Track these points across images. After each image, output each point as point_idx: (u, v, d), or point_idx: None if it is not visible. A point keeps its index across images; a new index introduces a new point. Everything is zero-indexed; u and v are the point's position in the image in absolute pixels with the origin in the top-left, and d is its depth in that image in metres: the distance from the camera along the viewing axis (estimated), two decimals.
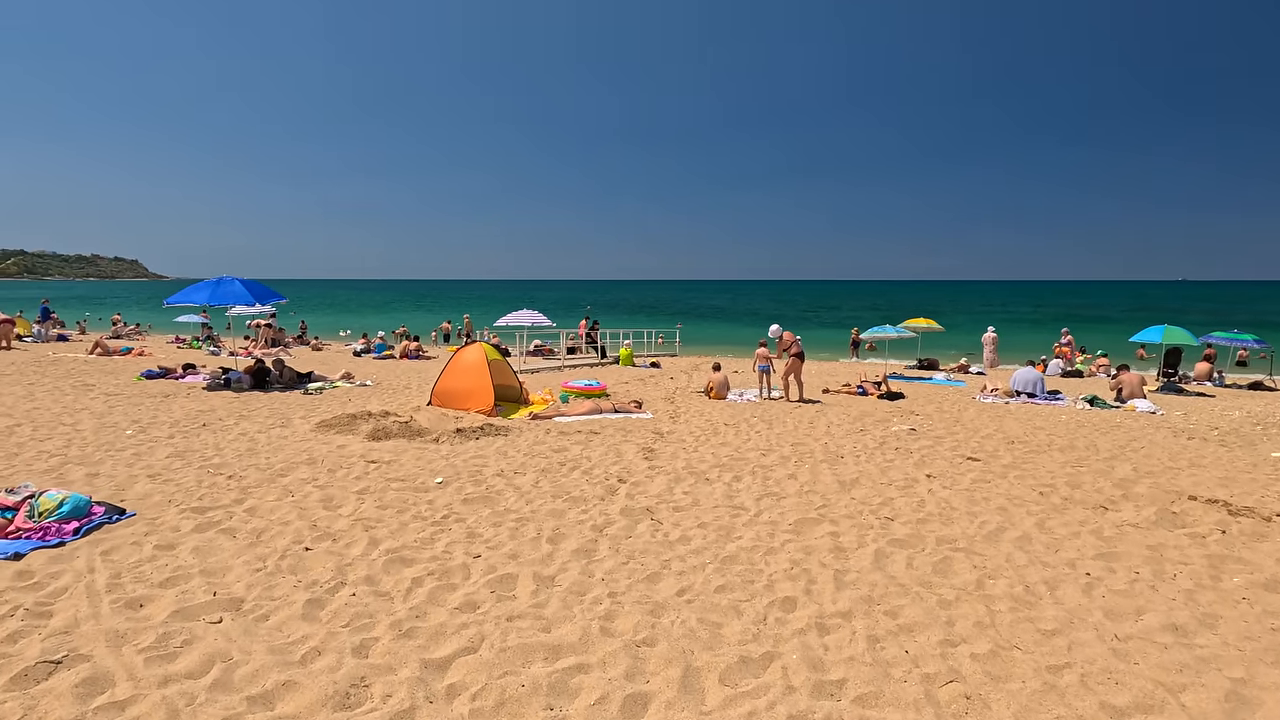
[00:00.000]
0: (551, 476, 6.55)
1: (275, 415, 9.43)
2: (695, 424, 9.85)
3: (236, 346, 21.78)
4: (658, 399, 12.63)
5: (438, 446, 7.76)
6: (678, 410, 11.18)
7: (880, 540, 4.79)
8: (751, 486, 6.28)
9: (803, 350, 13.14)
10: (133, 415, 8.94)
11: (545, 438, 8.52)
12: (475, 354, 10.77)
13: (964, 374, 19.63)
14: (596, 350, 21.81)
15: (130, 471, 6.11)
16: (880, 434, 9.28)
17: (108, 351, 17.63)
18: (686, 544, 4.66)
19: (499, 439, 8.34)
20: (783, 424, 10.00)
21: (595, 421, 9.88)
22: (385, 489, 5.88)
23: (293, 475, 6.23)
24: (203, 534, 4.55)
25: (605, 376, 16.51)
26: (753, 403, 12.48)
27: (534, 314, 26.89)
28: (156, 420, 8.67)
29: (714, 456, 7.57)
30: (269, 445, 7.50)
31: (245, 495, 5.53)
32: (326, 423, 8.77)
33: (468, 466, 6.85)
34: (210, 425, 8.55)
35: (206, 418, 9.02)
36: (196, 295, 11.69)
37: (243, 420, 8.97)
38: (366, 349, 23.51)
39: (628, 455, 7.59)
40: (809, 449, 8.15)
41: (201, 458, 6.80)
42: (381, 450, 7.42)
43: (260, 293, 12.13)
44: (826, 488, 6.29)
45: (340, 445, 7.57)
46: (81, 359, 16.29)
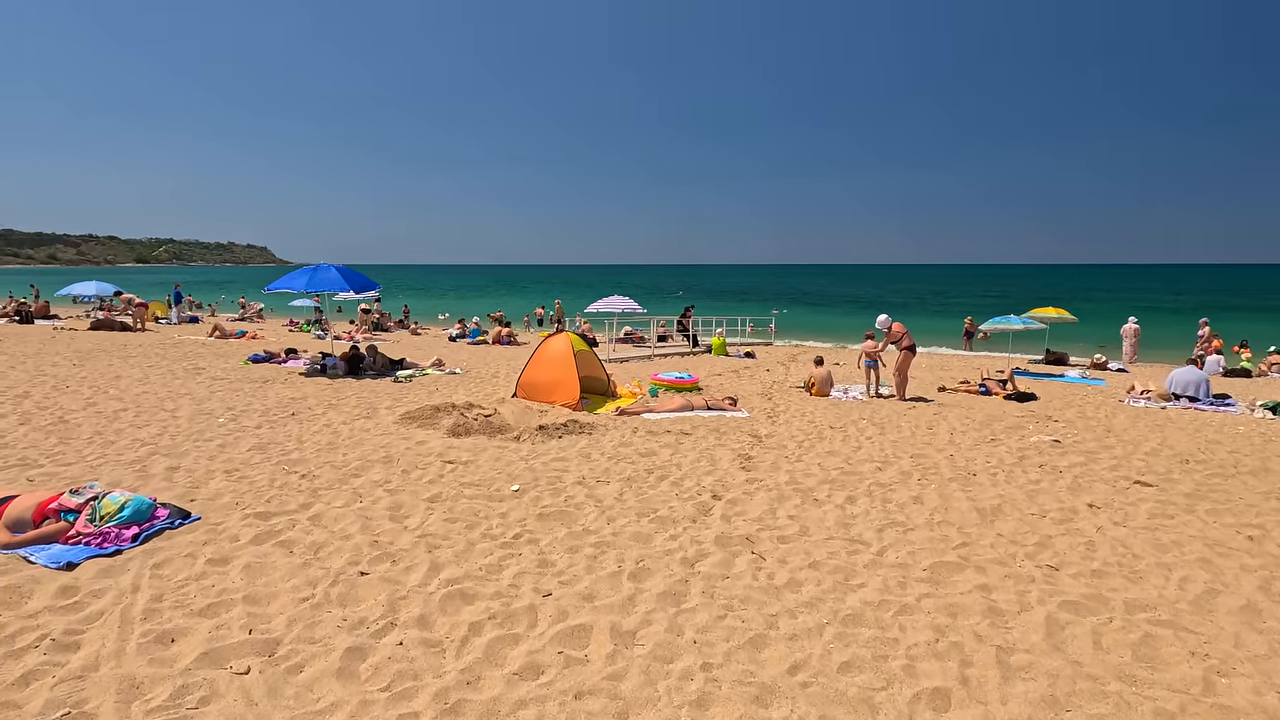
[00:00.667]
0: (637, 487, 5.87)
1: (362, 405, 9.31)
2: (797, 426, 8.89)
3: (340, 330, 22.65)
4: (753, 394, 11.72)
5: (518, 445, 7.28)
6: (776, 409, 10.24)
7: (1049, 601, 3.77)
8: (869, 512, 5.33)
9: (914, 343, 11.82)
10: (229, 401, 9.06)
11: (632, 438, 7.87)
12: (561, 345, 10.26)
13: (1102, 371, 17.34)
14: (688, 338, 21.03)
15: (210, 466, 5.97)
16: (1016, 445, 7.99)
17: (224, 334, 18.66)
18: (796, 591, 3.84)
19: (582, 438, 7.77)
20: (896, 429, 8.86)
21: (686, 420, 9.13)
22: (458, 496, 5.40)
23: (366, 476, 5.88)
24: (260, 546, 4.19)
25: (697, 368, 15.71)
26: (859, 401, 11.32)
27: (625, 300, 26.45)
28: (250, 408, 8.72)
29: (821, 469, 6.64)
30: (350, 439, 7.27)
31: (314, 498, 5.20)
32: (410, 415, 8.52)
33: (547, 471, 6.29)
34: (299, 414, 8.49)
35: (297, 406, 9.01)
36: (295, 282, 11.88)
37: (330, 410, 8.89)
38: (462, 334, 23.85)
39: (722, 463, 6.79)
40: (932, 462, 7.04)
41: (282, 451, 6.62)
42: (460, 448, 7.01)
43: (355, 280, 12.18)
44: (963, 517, 5.25)
45: (420, 441, 7.23)
46: (201, 341, 17.27)
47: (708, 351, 19.91)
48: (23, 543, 3.95)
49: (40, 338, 16.24)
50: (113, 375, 10.71)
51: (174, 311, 27.80)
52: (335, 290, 11.81)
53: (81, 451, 6.30)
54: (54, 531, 4.05)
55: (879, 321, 12.74)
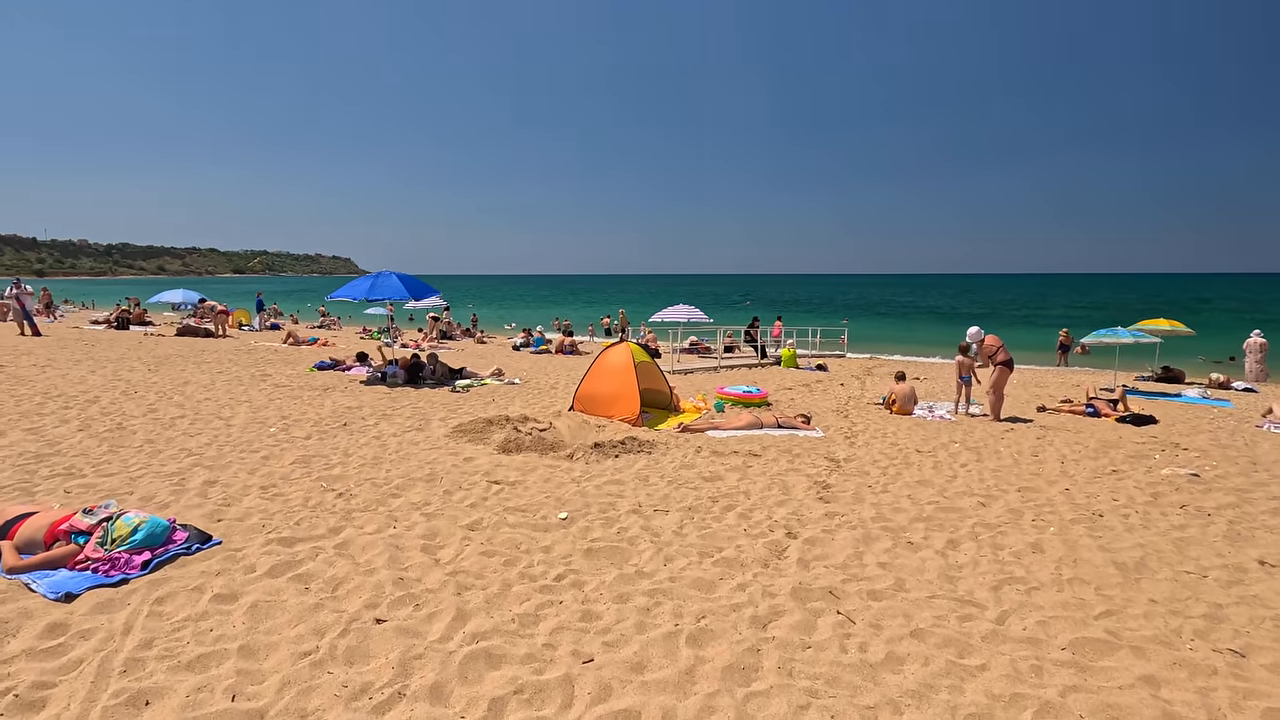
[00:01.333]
0: (699, 519, 5.18)
1: (416, 416, 9.00)
2: (879, 449, 7.98)
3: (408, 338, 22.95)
4: (828, 411, 10.81)
5: (571, 465, 6.71)
6: (854, 428, 9.31)
7: (1246, 707, 2.85)
8: (978, 561, 4.46)
9: (1011, 357, 10.64)
10: (286, 409, 8.92)
11: (695, 458, 7.18)
12: (621, 356, 9.69)
13: (1225, 390, 15.38)
14: (756, 349, 20.13)
15: (248, 481, 5.66)
16: (1145, 478, 6.84)
17: (298, 341, 19.09)
18: (897, 671, 3.06)
19: (641, 458, 7.13)
20: (995, 454, 7.81)
21: (755, 439, 8.36)
22: (499, 524, 4.86)
23: (405, 496, 5.43)
24: (274, 580, 3.74)
25: (765, 381, 14.85)
26: (947, 421, 10.23)
27: (690, 309, 25.76)
28: (304, 417, 8.53)
29: (912, 503, 5.76)
30: (397, 453, 6.89)
31: (345, 521, 4.77)
32: (462, 427, 8.12)
33: (600, 496, 5.69)
34: (350, 425, 8.23)
35: (350, 415, 8.77)
36: (356, 289, 11.81)
37: (383, 420, 8.60)
38: (526, 343, 23.74)
39: (797, 491, 6.01)
40: (1046, 498, 6.03)
41: (325, 465, 6.28)
42: (509, 467, 6.50)
43: (416, 287, 12.02)
44: (1099, 574, 4.30)
45: (467, 458, 6.78)
46: (274, 348, 17.68)
47: (777, 363, 18.98)
48: (27, 567, 3.64)
49: (129, 342, 16.97)
50: (182, 381, 10.86)
51: (256, 319, 29.01)
52: (396, 298, 11.67)
53: (127, 461, 6.14)
54: (62, 555, 3.73)
55: (970, 334, 11.58)
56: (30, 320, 18.36)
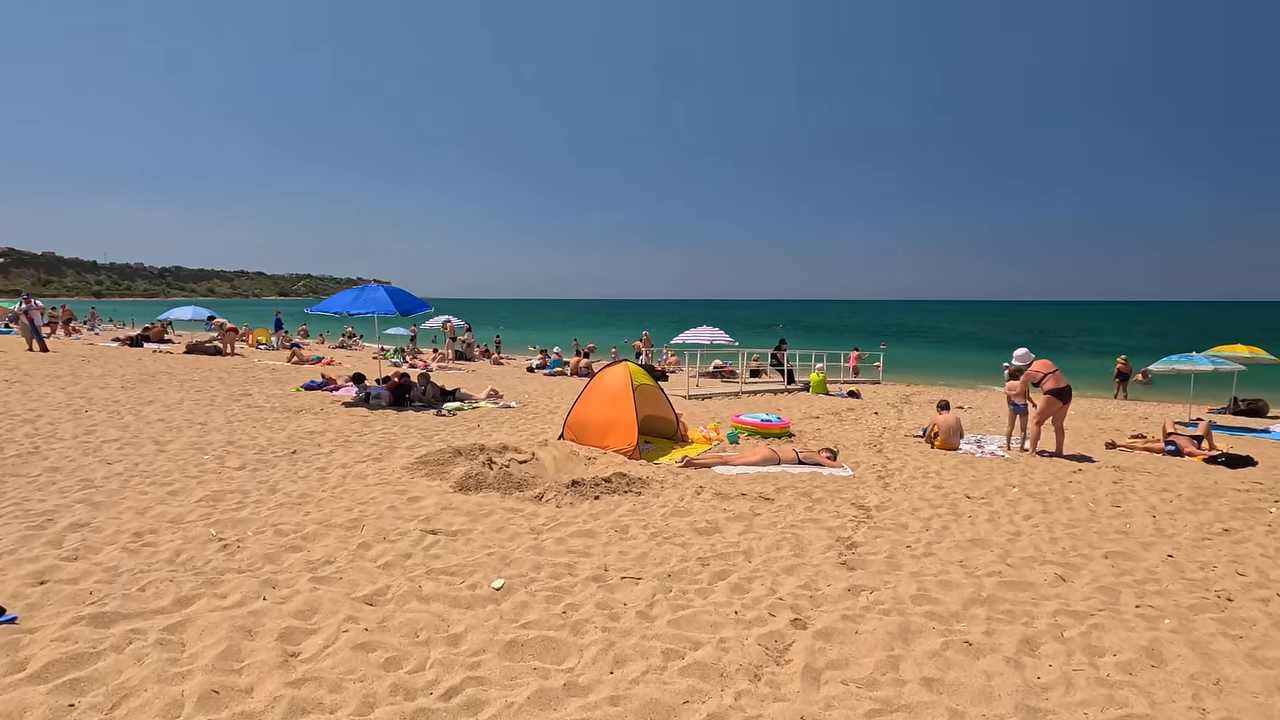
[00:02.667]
0: (679, 591, 3.91)
1: (382, 443, 7.91)
2: (919, 492, 6.58)
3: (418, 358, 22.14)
4: (859, 445, 9.40)
5: (537, 508, 5.49)
6: (889, 466, 7.91)
7: None
8: (1072, 680, 3.07)
9: (1066, 386, 9.10)
10: (238, 434, 7.92)
11: (693, 502, 5.90)
12: (618, 377, 8.48)
13: None
14: (783, 373, 18.71)
15: (124, 525, 4.58)
16: (1271, 540, 5.31)
17: (302, 360, 18.39)
18: None
19: (627, 500, 5.88)
20: (1065, 504, 6.34)
21: (769, 477, 7.03)
22: (409, 596, 3.65)
23: (307, 550, 4.28)
24: (36, 688, 2.60)
25: (791, 409, 13.47)
26: (1000, 458, 8.74)
27: (714, 331, 24.49)
28: (253, 442, 7.51)
29: (966, 573, 4.37)
30: (333, 489, 5.77)
31: (207, 588, 3.62)
32: (426, 458, 6.98)
33: (559, 553, 4.45)
34: (300, 453, 7.17)
35: (307, 442, 7.72)
36: (338, 303, 10.91)
37: (341, 448, 7.53)
38: (542, 365, 22.75)
39: (813, 551, 4.68)
40: (1146, 569, 4.58)
41: (236, 504, 5.19)
42: (459, 510, 5.31)
43: (404, 301, 11.06)
44: (1262, 707, 2.89)
45: (413, 497, 5.61)
46: (273, 367, 16.96)
47: (805, 389, 17.55)
48: None
49: (130, 359, 16.43)
50: (147, 400, 10.01)
51: (275, 338, 28.71)
52: (382, 312, 10.72)
53: (6, 494, 5.14)
54: None
55: (1017, 356, 10.06)
56: (39, 336, 18.04)
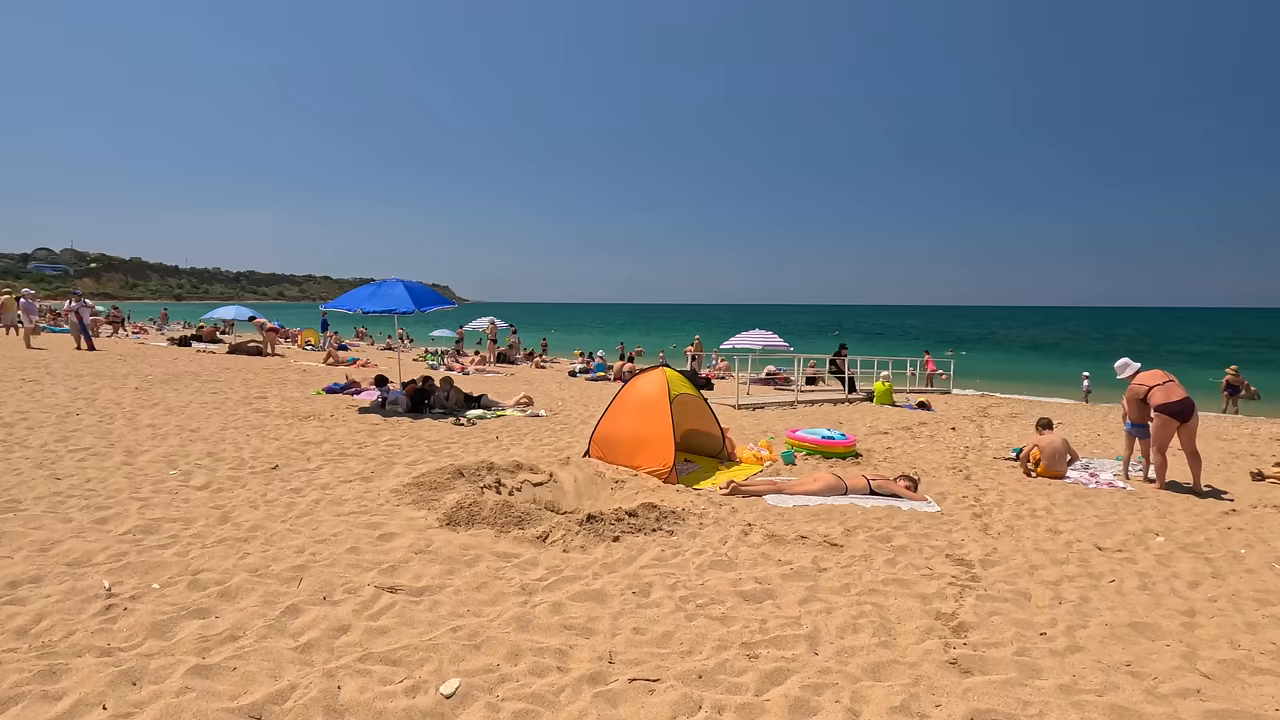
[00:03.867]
0: (712, 706, 2.65)
1: (380, 458, 6.89)
2: (1031, 539, 5.11)
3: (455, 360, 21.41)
4: (940, 469, 7.91)
5: (537, 553, 4.31)
6: (985, 500, 6.42)
7: None
8: None
9: (1189, 403, 7.30)
10: (224, 445, 7.03)
11: (739, 546, 4.63)
12: (652, 386, 7.25)
13: None
14: (842, 381, 17.10)
15: (10, 571, 3.62)
16: None
17: (338, 362, 17.87)
18: None
19: (655, 540, 4.65)
20: (1238, 562, 4.75)
21: (835, 512, 5.67)
22: (313, 709, 2.52)
23: (213, 616, 3.20)
24: None
25: (854, 422, 11.96)
26: (1120, 490, 7.11)
27: (766, 335, 22.97)
28: (236, 455, 6.60)
29: (1147, 692, 2.92)
30: (296, 520, 4.74)
31: (31, 684, 2.57)
32: (421, 480, 5.90)
33: (550, 629, 3.25)
34: (284, 468, 6.21)
35: (298, 455, 6.77)
36: (354, 299, 10.04)
37: (333, 462, 6.54)
38: (585, 369, 21.76)
39: (905, 639, 3.34)
40: None
41: (166, 539, 4.18)
42: (436, 554, 4.18)
43: (424, 297, 10.12)
44: None
45: (386, 534, 4.51)
46: (304, 367, 16.43)
47: (868, 400, 15.92)
48: None
49: (168, 359, 16.17)
50: (153, 402, 9.34)
51: (324, 339, 28.68)
52: (400, 310, 9.79)
53: None
54: None
55: (1119, 368, 8.26)
56: (86, 334, 18.09)
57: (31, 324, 18.02)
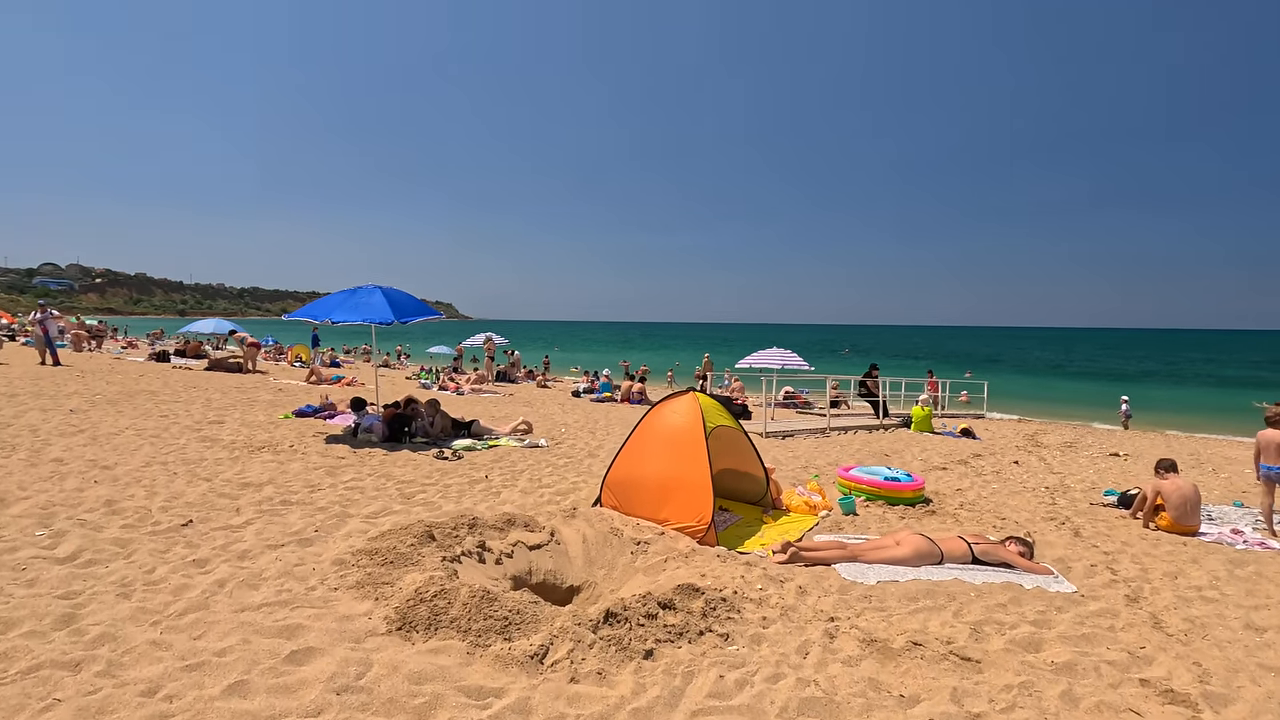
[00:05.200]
0: None
1: (332, 508, 5.35)
2: (1237, 642, 3.55)
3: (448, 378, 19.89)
4: (1036, 519, 6.35)
5: (527, 686, 2.77)
6: (1121, 570, 4.85)
7: None
8: None
9: None
10: (142, 487, 5.51)
11: (827, 664, 3.08)
12: (683, 415, 5.72)
13: None
14: (875, 406, 15.53)
15: None
16: None
17: (320, 379, 16.38)
18: None
19: (705, 657, 3.11)
20: None
21: (941, 591, 4.11)
22: None
23: None
24: None
25: (902, 453, 10.41)
26: (1274, 551, 5.55)
27: (785, 353, 21.45)
28: (144, 505, 5.07)
29: None
30: (173, 622, 3.20)
31: None
32: (378, 544, 4.37)
33: None
34: (197, 525, 4.69)
35: (223, 506, 5.24)
36: (320, 309, 8.55)
37: (266, 515, 5.01)
38: (589, 389, 20.24)
39: None
40: None
41: None
42: (371, 691, 2.64)
43: (405, 307, 8.64)
44: None
45: (300, 650, 2.97)
46: (280, 386, 14.93)
47: (903, 425, 14.36)
48: None
49: (133, 375, 14.67)
50: (82, 429, 7.84)
51: (316, 355, 27.27)
52: (377, 320, 8.30)
53: None
54: None
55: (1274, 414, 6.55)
56: (52, 348, 16.66)
57: None
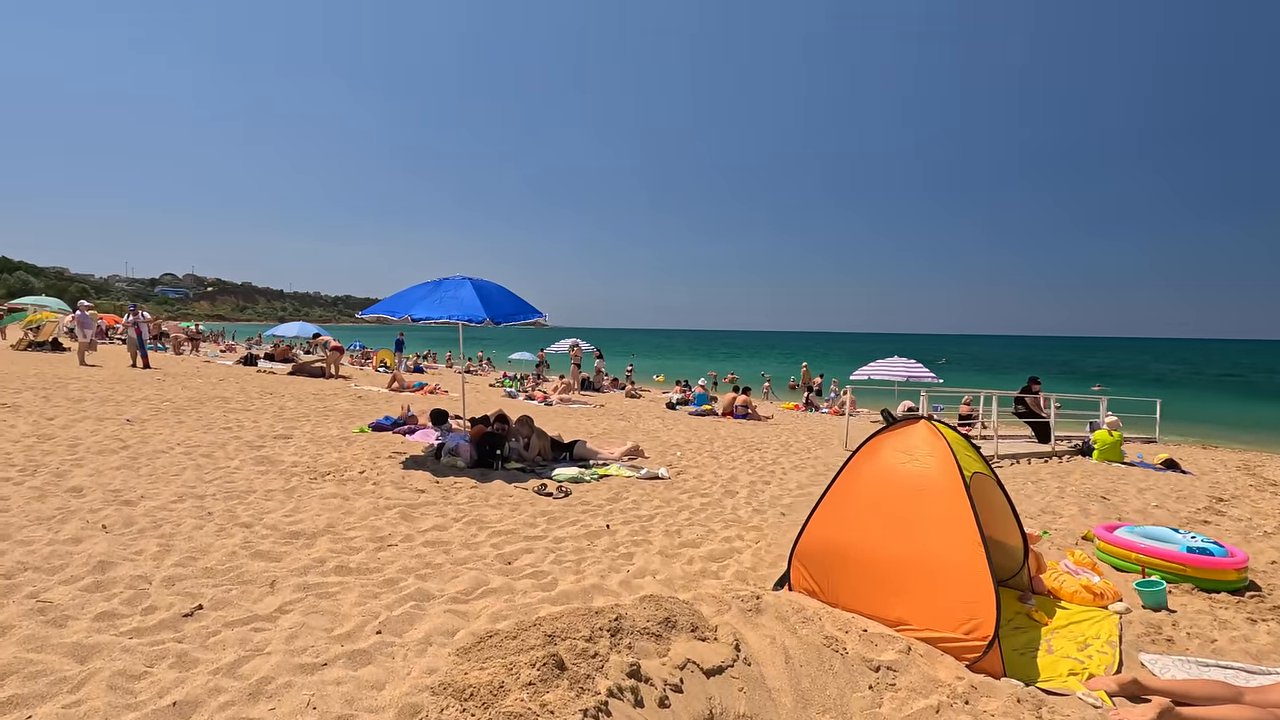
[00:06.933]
0: None
1: (405, 583, 3.68)
2: None
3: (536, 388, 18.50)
4: None
5: None
6: None
7: None
8: None
9: None
10: (169, 535, 4.04)
11: None
12: (926, 455, 3.70)
13: None
14: (1038, 430, 12.82)
15: None
16: None
17: (402, 386, 15.28)
18: None
19: None
20: None
21: None
22: None
23: None
24: None
25: (1121, 496, 7.93)
26: None
27: (908, 363, 18.93)
28: (146, 573, 3.56)
29: None
30: None
31: None
32: (471, 682, 2.60)
33: None
34: (208, 613, 3.10)
35: (256, 576, 3.67)
36: (399, 304, 7.02)
37: (310, 599, 3.38)
38: (683, 400, 18.36)
39: None
40: None
41: None
42: None
43: (501, 304, 7.03)
44: None
45: None
46: (367, 393, 13.83)
47: (1080, 453, 11.66)
48: None
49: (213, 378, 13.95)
50: (125, 444, 6.62)
51: (400, 360, 26.78)
52: (465, 318, 6.71)
53: None
54: None
55: None
56: (143, 350, 16.37)
57: (86, 339, 16.44)
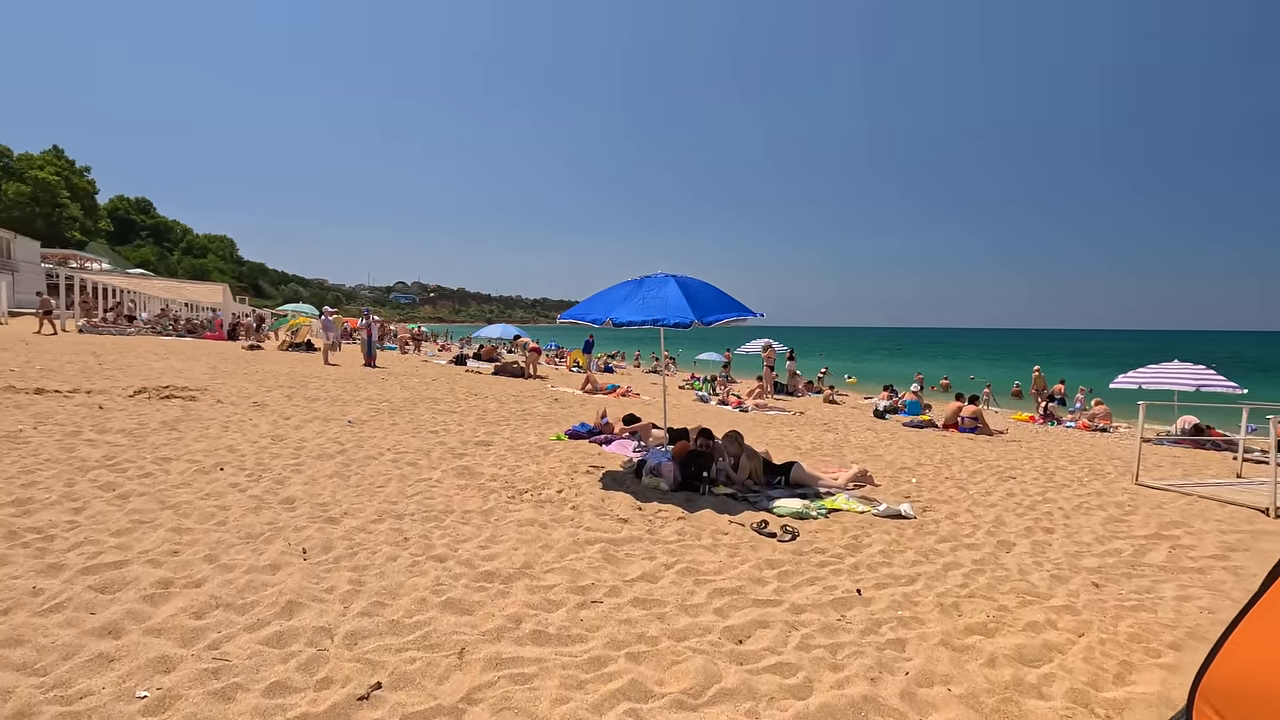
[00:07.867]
0: None
1: (613, 667, 2.83)
2: None
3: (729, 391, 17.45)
4: None
5: None
6: None
7: None
8: None
9: None
10: (356, 571, 3.64)
11: None
12: None
13: None
14: None
15: None
16: None
17: (595, 388, 15.12)
18: None
19: None
20: None
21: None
22: None
23: None
24: None
25: None
26: None
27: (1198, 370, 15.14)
28: (348, 598, 3.08)
29: None
30: None
31: None
32: None
33: None
34: (370, 705, 2.46)
35: (439, 639, 3.03)
36: (597, 308, 6.34)
37: (502, 679, 2.64)
38: (893, 408, 16.32)
39: None
40: None
41: None
42: None
43: (708, 302, 6.09)
44: None
45: None
46: (563, 396, 13.79)
47: None
48: None
49: (427, 379, 14.84)
50: (339, 450, 6.71)
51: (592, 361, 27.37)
52: (673, 321, 5.86)
53: None
54: None
55: None
56: (371, 350, 18.08)
57: (330, 340, 18.51)
